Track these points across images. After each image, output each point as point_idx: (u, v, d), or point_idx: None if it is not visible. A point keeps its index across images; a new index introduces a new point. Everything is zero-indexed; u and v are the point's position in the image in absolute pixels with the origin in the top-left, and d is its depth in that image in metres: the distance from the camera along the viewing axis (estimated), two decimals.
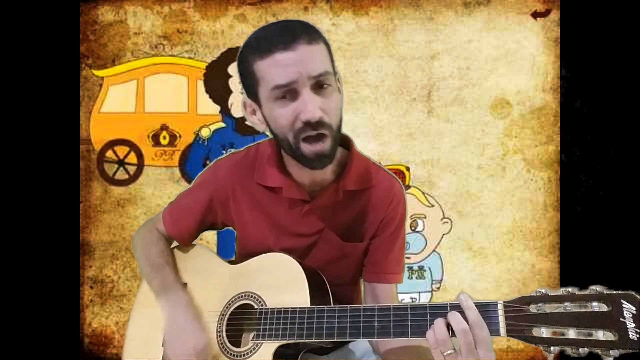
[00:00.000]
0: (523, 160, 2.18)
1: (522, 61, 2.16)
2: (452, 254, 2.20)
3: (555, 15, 2.14)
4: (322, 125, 1.01)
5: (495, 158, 2.18)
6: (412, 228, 2.20)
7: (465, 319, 0.89)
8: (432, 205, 2.19)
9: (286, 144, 1.06)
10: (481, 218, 2.18)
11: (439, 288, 2.20)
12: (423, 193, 2.19)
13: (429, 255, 2.20)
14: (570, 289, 0.86)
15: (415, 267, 2.20)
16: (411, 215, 2.19)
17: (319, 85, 1.01)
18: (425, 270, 2.20)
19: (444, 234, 2.20)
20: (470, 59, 2.18)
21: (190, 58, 2.22)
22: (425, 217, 2.19)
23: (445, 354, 0.89)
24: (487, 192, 2.18)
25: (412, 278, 2.20)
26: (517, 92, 2.17)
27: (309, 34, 1.01)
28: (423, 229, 2.20)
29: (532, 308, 0.87)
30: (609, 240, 1.90)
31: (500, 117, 2.18)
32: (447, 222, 2.19)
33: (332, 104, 1.03)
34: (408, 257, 2.20)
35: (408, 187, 2.19)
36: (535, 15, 2.15)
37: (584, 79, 2.00)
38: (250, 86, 1.07)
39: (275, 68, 0.99)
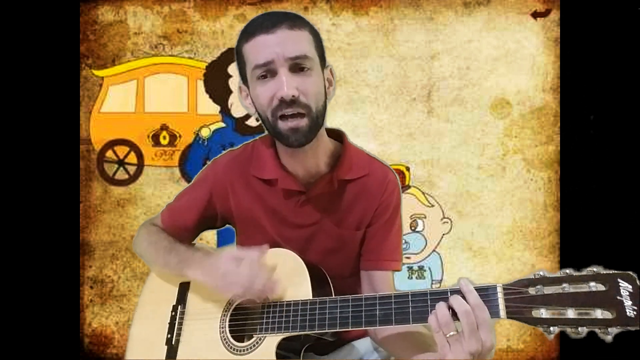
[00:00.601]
0: (523, 160, 2.18)
1: (522, 61, 2.16)
2: (452, 254, 2.20)
3: (555, 15, 2.14)
4: (297, 104, 1.06)
5: (495, 158, 2.18)
6: (412, 228, 2.20)
7: (467, 302, 0.90)
8: (432, 205, 2.19)
9: (267, 123, 1.12)
10: (481, 218, 2.18)
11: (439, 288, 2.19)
12: (423, 193, 2.19)
13: (429, 255, 2.20)
14: (568, 271, 0.88)
15: (415, 267, 2.20)
16: (411, 215, 2.19)
17: (297, 67, 1.07)
18: (425, 270, 2.20)
19: (444, 234, 2.20)
20: (470, 59, 2.18)
21: (190, 58, 2.22)
22: (425, 217, 2.20)
23: (448, 335, 0.90)
24: (487, 192, 2.18)
25: (412, 278, 2.20)
26: (517, 92, 2.17)
27: (292, 21, 1.09)
28: (423, 229, 2.20)
29: (531, 290, 0.88)
30: (609, 240, 1.90)
31: (500, 117, 2.18)
32: (447, 222, 2.19)
33: (310, 86, 1.08)
34: (408, 257, 2.20)
35: (408, 187, 2.19)
36: (535, 15, 2.15)
37: (584, 79, 2.00)
38: (242, 69, 1.14)
39: (256, 49, 1.07)
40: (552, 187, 2.16)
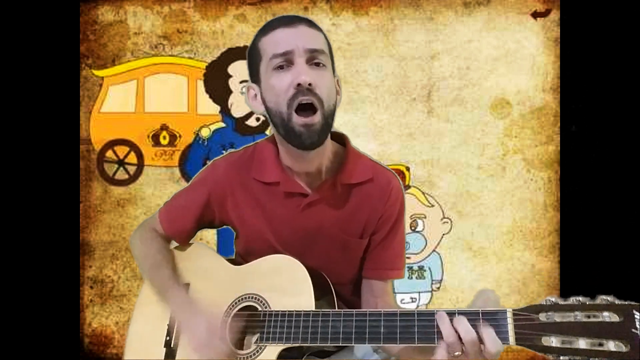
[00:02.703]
0: (523, 160, 2.18)
1: (522, 61, 2.16)
2: (452, 254, 2.20)
3: (555, 15, 2.14)
4: (313, 94, 1.06)
5: (495, 158, 2.18)
6: (412, 228, 2.20)
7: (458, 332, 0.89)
8: (432, 205, 2.19)
9: (279, 118, 1.10)
10: (481, 218, 2.18)
11: (439, 288, 2.20)
12: (423, 193, 2.19)
13: (429, 255, 2.20)
14: (580, 299, 0.85)
15: (415, 267, 2.20)
16: (411, 215, 2.19)
17: (313, 62, 1.08)
18: (425, 270, 2.20)
19: (444, 234, 2.20)
20: (470, 59, 2.18)
21: (190, 58, 2.22)
22: (425, 217, 2.19)
23: (455, 354, 0.90)
24: (487, 192, 2.18)
25: (412, 278, 2.20)
26: (517, 92, 2.17)
27: (311, 22, 1.13)
28: (423, 229, 2.20)
29: (542, 317, 0.85)
30: (609, 240, 1.89)
31: (500, 117, 2.18)
32: (447, 222, 2.19)
33: (324, 81, 1.09)
34: (408, 257, 2.20)
35: (408, 187, 2.19)
36: (535, 15, 2.15)
37: (584, 79, 2.00)
38: (254, 67, 1.15)
39: (276, 40, 1.10)
40: (552, 187, 2.16)
